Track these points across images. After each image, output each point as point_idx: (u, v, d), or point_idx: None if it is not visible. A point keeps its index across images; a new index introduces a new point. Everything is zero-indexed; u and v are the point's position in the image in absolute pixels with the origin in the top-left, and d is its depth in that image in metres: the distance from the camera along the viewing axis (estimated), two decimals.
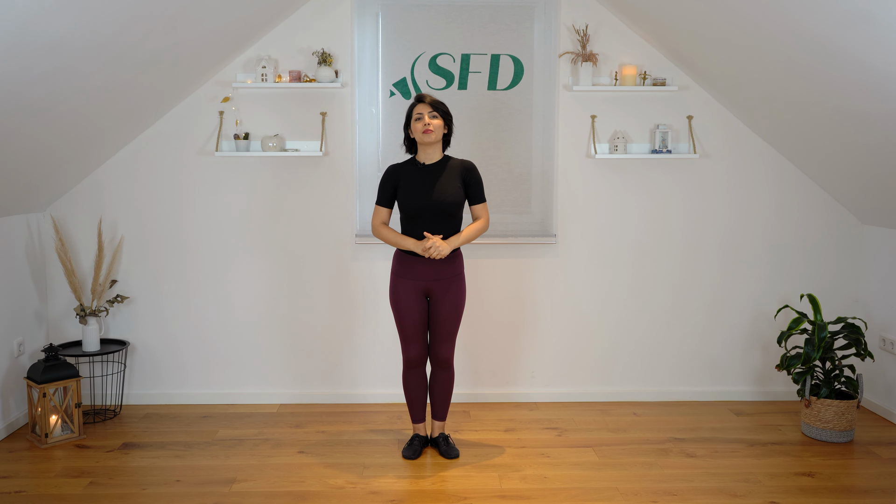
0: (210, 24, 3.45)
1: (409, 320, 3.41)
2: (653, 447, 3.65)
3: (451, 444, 3.58)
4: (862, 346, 3.73)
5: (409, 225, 3.39)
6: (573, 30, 4.13)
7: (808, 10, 2.78)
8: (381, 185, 3.45)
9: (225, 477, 3.32)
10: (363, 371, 4.31)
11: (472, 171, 3.44)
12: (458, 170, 3.42)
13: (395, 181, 3.41)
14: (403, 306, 3.41)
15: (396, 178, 3.41)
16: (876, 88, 2.95)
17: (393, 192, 3.41)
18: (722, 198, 4.28)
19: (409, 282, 3.39)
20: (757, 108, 3.98)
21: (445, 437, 3.60)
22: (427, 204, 3.33)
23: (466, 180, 3.41)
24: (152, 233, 4.19)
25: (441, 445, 3.57)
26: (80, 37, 2.77)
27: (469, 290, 4.26)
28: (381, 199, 3.44)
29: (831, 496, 3.14)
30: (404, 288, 3.40)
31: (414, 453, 3.52)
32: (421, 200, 3.33)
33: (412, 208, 3.34)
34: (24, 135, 3.22)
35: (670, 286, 4.32)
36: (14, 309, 3.88)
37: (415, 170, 3.40)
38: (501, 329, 4.32)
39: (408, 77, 4.17)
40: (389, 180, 3.42)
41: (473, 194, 3.44)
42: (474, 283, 4.26)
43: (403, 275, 3.40)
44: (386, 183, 3.43)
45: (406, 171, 3.42)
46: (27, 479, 3.29)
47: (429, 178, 3.37)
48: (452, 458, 3.52)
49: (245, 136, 4.06)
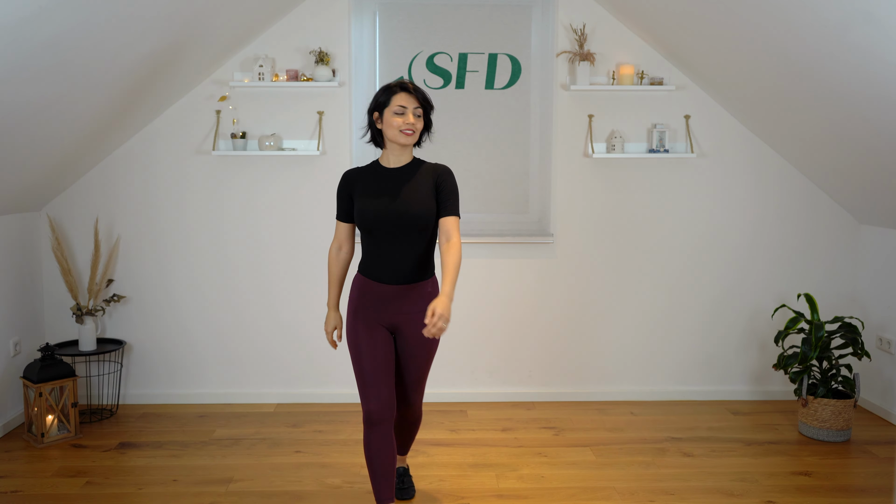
0: (207, 22, 3.45)
1: (370, 363, 2.65)
2: (650, 446, 3.66)
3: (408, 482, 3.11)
4: (859, 346, 3.74)
5: (367, 240, 2.69)
6: (570, 29, 4.13)
7: (805, 10, 2.78)
8: (337, 193, 2.78)
9: (222, 476, 3.31)
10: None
11: (446, 177, 2.69)
12: (430, 175, 2.69)
13: (350, 189, 2.73)
14: (364, 345, 2.66)
15: (352, 185, 2.72)
16: (873, 88, 2.96)
17: (350, 201, 2.73)
18: (719, 197, 4.28)
19: (370, 314, 2.69)
20: (754, 108, 3.99)
21: (405, 470, 3.13)
22: (386, 214, 2.62)
23: (439, 187, 2.67)
24: (149, 232, 4.19)
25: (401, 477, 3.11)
26: (77, 35, 2.77)
27: (467, 290, 4.27)
28: (338, 211, 2.79)
29: (828, 495, 3.14)
30: (365, 322, 2.69)
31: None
32: (379, 209, 2.62)
33: (368, 219, 2.63)
34: (21, 134, 3.22)
35: (667, 286, 4.32)
36: (10, 308, 3.87)
37: (377, 173, 2.71)
38: (499, 328, 4.32)
39: (405, 76, 4.17)
40: (344, 187, 2.74)
41: (445, 204, 2.66)
42: (473, 283, 4.26)
43: (365, 306, 2.69)
44: (341, 192, 2.75)
45: (365, 176, 2.72)
46: (23, 479, 3.28)
47: (391, 183, 2.67)
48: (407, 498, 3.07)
49: (242, 136, 4.06)
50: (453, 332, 4.29)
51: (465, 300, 4.28)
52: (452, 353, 4.31)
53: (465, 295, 4.28)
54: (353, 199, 2.72)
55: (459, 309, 4.28)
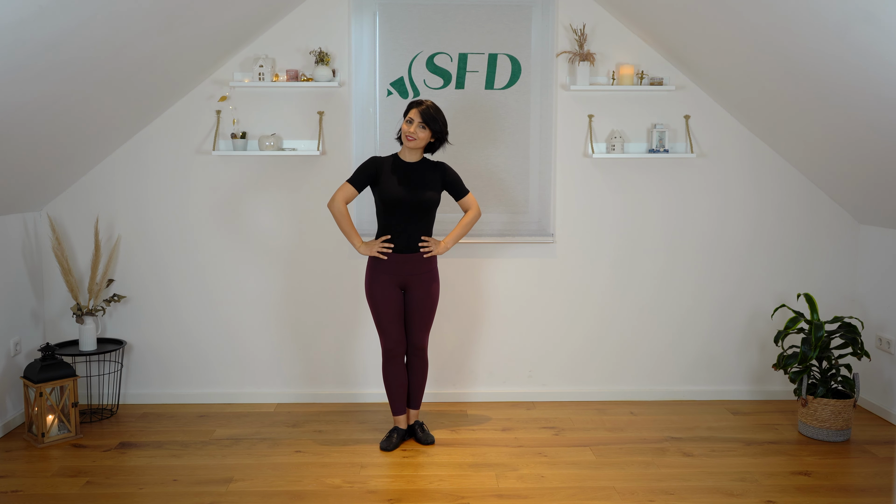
0: (207, 22, 3.45)
1: (387, 310, 3.51)
2: (650, 446, 3.66)
3: (426, 431, 3.73)
4: (858, 346, 3.74)
5: (386, 217, 3.50)
6: (571, 29, 4.13)
7: (805, 10, 2.78)
8: (361, 167, 3.52)
9: (222, 476, 3.31)
10: (360, 370, 4.31)
11: (448, 170, 3.60)
12: (435, 170, 3.56)
13: (375, 171, 3.50)
14: (381, 298, 3.51)
15: (377, 168, 3.51)
16: (873, 88, 2.96)
17: (368, 180, 3.50)
18: (719, 197, 4.28)
19: (386, 276, 3.51)
20: (754, 108, 3.99)
21: (421, 424, 3.75)
22: (407, 198, 3.45)
23: (445, 179, 3.58)
24: (149, 232, 4.19)
25: (418, 433, 3.71)
26: (77, 35, 2.77)
27: (467, 290, 4.27)
28: (354, 180, 3.50)
29: (828, 495, 3.14)
30: (382, 281, 3.51)
31: (392, 445, 3.62)
32: (403, 193, 3.45)
33: (393, 200, 3.45)
34: (21, 133, 3.22)
35: (668, 285, 4.32)
36: (11, 308, 3.87)
37: (397, 164, 3.53)
38: (499, 328, 4.32)
39: (405, 76, 4.17)
40: (370, 167, 3.51)
41: (458, 189, 3.61)
42: (473, 283, 4.26)
43: (382, 270, 3.51)
44: (366, 168, 3.50)
45: (388, 164, 3.53)
46: (24, 479, 3.28)
47: (410, 174, 3.51)
48: (429, 443, 3.68)
49: (242, 136, 4.06)
50: (453, 332, 4.29)
51: (464, 300, 4.29)
52: (452, 353, 4.32)
53: (465, 295, 4.28)
54: (374, 180, 3.50)
55: (460, 309, 4.29)
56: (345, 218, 3.50)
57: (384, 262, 3.50)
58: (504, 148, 4.22)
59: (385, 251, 3.49)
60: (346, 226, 3.50)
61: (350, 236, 3.52)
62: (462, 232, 3.64)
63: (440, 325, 4.28)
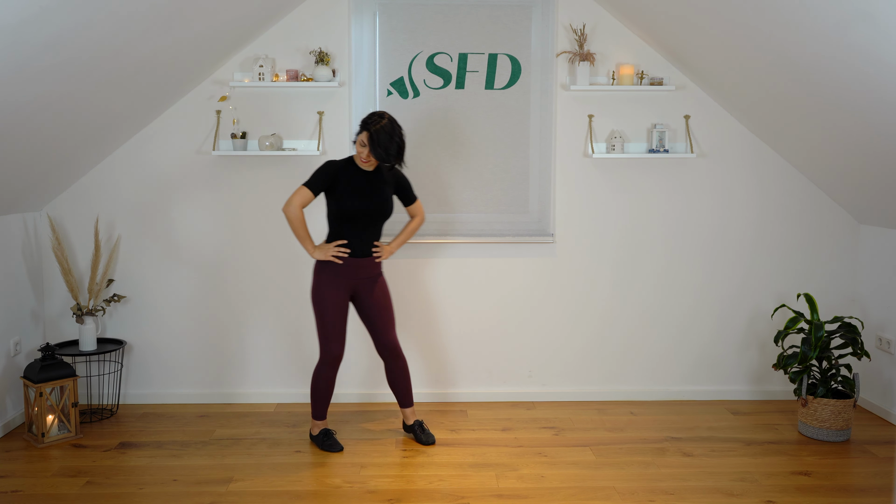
0: (207, 23, 3.45)
1: (338, 316, 3.47)
2: (650, 446, 3.66)
3: (427, 430, 3.72)
4: (858, 346, 3.74)
5: (342, 223, 3.44)
6: (570, 29, 4.13)
7: (805, 10, 2.78)
8: (319, 172, 3.40)
9: (222, 476, 3.31)
10: (360, 370, 4.31)
11: (401, 176, 3.61)
12: (389, 177, 3.54)
13: (333, 177, 3.40)
14: (332, 304, 3.45)
15: (335, 174, 3.41)
16: (872, 88, 2.96)
17: (325, 186, 3.40)
18: (718, 197, 4.28)
19: (339, 281, 3.46)
20: (754, 108, 3.99)
21: (421, 424, 3.74)
22: (367, 206, 3.42)
23: (398, 186, 3.59)
24: (149, 232, 4.19)
25: (417, 432, 3.71)
26: (77, 36, 2.77)
27: (467, 290, 4.28)
28: (312, 185, 3.38)
29: (828, 495, 3.14)
30: (333, 286, 3.45)
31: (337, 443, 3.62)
32: (362, 202, 3.41)
33: (355, 209, 3.41)
34: (21, 133, 3.22)
35: (667, 285, 4.32)
36: (11, 308, 3.87)
37: (355, 171, 3.45)
38: (499, 328, 4.32)
39: (405, 76, 4.17)
40: (329, 173, 3.41)
41: (408, 196, 3.65)
42: (473, 283, 4.27)
43: (335, 275, 3.46)
44: (325, 174, 3.40)
45: (347, 171, 3.43)
46: (24, 479, 3.28)
47: (368, 182, 3.45)
48: (430, 443, 3.66)
49: (242, 136, 4.06)
50: (453, 332, 4.29)
51: (465, 300, 4.29)
52: (452, 353, 4.32)
53: (465, 295, 4.28)
54: (331, 186, 3.40)
55: (460, 309, 4.29)
56: (301, 223, 3.40)
57: (339, 268, 3.44)
58: (504, 148, 4.22)
59: (341, 255, 3.43)
60: (302, 231, 3.41)
61: (305, 241, 3.42)
62: (407, 238, 3.70)
63: (441, 324, 4.29)
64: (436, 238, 4.22)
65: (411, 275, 4.26)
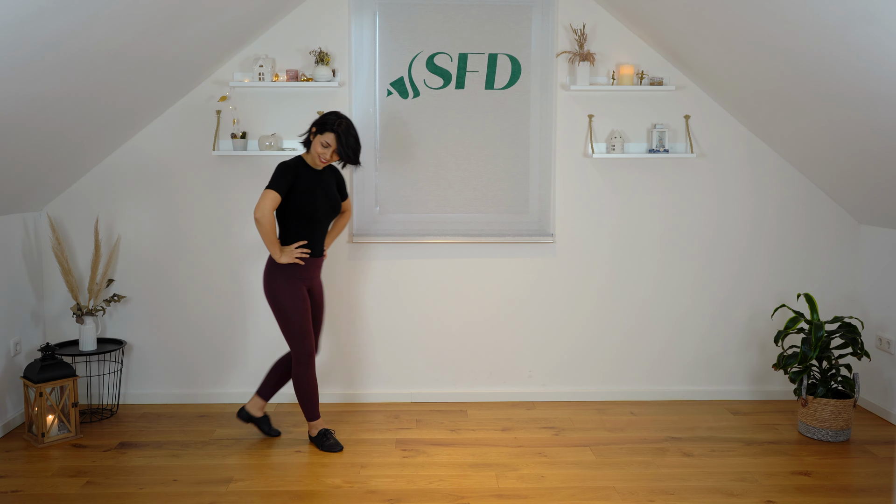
0: (207, 23, 3.45)
1: (306, 314, 3.49)
2: (650, 446, 3.66)
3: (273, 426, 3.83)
4: (858, 346, 3.74)
5: (301, 223, 3.45)
6: (570, 29, 4.13)
7: (805, 10, 2.78)
8: (281, 175, 3.36)
9: (222, 476, 3.31)
10: (360, 370, 4.31)
11: (339, 173, 3.68)
12: (333, 174, 3.63)
13: (294, 176, 3.40)
14: (300, 303, 3.46)
15: (294, 175, 3.40)
16: (873, 88, 2.96)
17: (287, 188, 3.36)
18: (718, 197, 4.28)
19: (298, 281, 3.48)
20: (754, 108, 3.99)
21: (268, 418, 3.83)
22: (324, 205, 3.50)
23: (338, 183, 3.65)
24: (149, 232, 4.19)
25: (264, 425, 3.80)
26: (77, 36, 2.77)
27: (467, 290, 4.28)
28: (278, 187, 3.34)
29: (828, 495, 3.14)
30: (293, 284, 3.46)
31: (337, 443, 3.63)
32: (321, 201, 3.47)
33: (313, 208, 3.44)
34: (21, 133, 3.22)
35: (667, 286, 4.32)
36: (11, 308, 3.87)
37: (309, 171, 3.47)
38: (499, 328, 4.32)
39: (405, 76, 4.17)
40: (289, 174, 3.38)
41: (343, 193, 3.70)
42: (473, 283, 4.26)
43: (295, 276, 3.46)
44: (286, 176, 3.37)
45: (301, 170, 3.44)
46: (24, 479, 3.28)
47: (319, 181, 3.50)
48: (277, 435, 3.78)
49: (242, 136, 4.06)
50: (453, 332, 4.29)
51: (464, 300, 4.28)
52: (452, 353, 4.32)
53: (464, 295, 4.28)
54: (292, 187, 3.39)
55: (460, 309, 4.29)
56: (274, 228, 3.35)
57: (299, 268, 3.46)
58: (504, 148, 4.22)
59: (303, 257, 3.44)
60: (273, 235, 3.36)
61: (274, 245, 3.38)
62: (338, 234, 3.77)
63: (441, 324, 4.29)
64: (436, 238, 4.22)
65: (411, 275, 4.26)
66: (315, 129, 3.42)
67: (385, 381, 4.31)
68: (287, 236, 3.47)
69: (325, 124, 3.38)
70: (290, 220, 3.45)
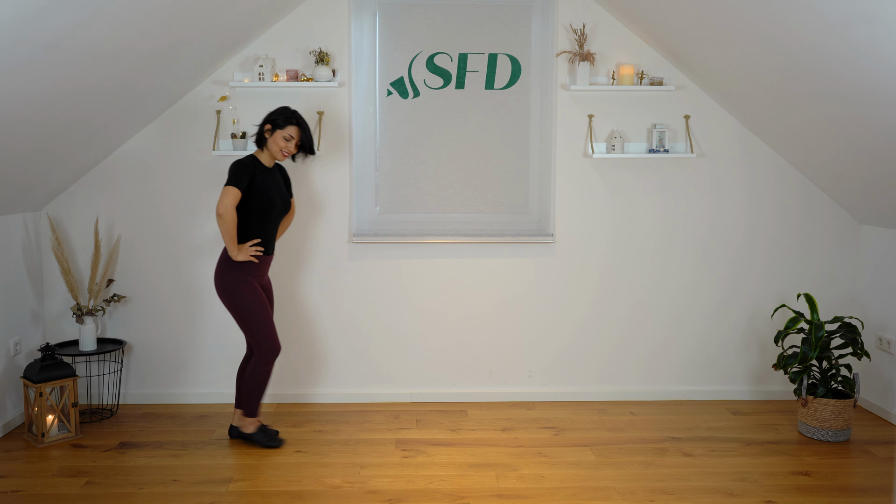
0: (207, 23, 3.45)
1: (266, 310, 3.53)
2: (650, 446, 3.66)
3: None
4: (858, 346, 3.74)
5: (258, 221, 3.49)
6: (571, 29, 4.13)
7: (806, 9, 2.78)
8: (239, 172, 3.39)
9: (222, 476, 3.31)
10: (360, 370, 4.31)
11: (286, 172, 3.75)
12: (281, 172, 3.69)
13: (251, 175, 3.43)
14: (258, 300, 3.50)
15: (252, 172, 3.44)
16: (874, 87, 2.96)
17: (247, 184, 3.41)
18: (718, 197, 4.28)
19: (253, 279, 3.52)
20: (754, 108, 3.99)
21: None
22: (281, 204, 3.56)
23: (285, 181, 3.70)
24: (149, 232, 4.19)
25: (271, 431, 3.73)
26: (77, 35, 2.77)
27: (467, 290, 4.28)
28: (238, 184, 3.37)
29: (828, 495, 3.14)
30: (248, 282, 3.49)
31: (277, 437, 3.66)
32: (277, 198, 3.52)
33: (271, 205, 3.49)
34: (21, 133, 3.22)
35: (667, 286, 4.32)
36: (10, 308, 3.87)
37: (263, 168, 3.52)
38: (499, 328, 4.32)
39: (405, 76, 4.17)
40: (247, 171, 3.42)
41: (290, 191, 3.75)
42: (473, 283, 4.26)
43: (251, 273, 3.51)
44: (244, 173, 3.41)
45: (256, 168, 3.48)
46: (24, 479, 3.28)
47: (274, 179, 3.57)
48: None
49: (242, 136, 4.06)
50: (453, 332, 4.29)
51: (465, 300, 4.28)
52: (452, 353, 4.32)
53: (465, 295, 4.28)
54: (250, 185, 3.42)
55: (460, 309, 4.28)
56: (235, 224, 3.38)
57: (252, 266, 3.49)
58: (504, 148, 4.22)
59: (257, 254, 3.47)
60: (233, 231, 3.38)
61: (233, 242, 3.39)
62: (283, 232, 3.86)
63: (441, 324, 4.28)
64: (436, 238, 4.22)
65: (411, 275, 4.26)
66: (270, 125, 3.49)
67: (385, 381, 4.31)
68: (242, 234, 3.49)
69: (285, 119, 3.48)
70: (247, 218, 3.47)
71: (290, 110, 3.52)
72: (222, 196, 3.36)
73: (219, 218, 3.35)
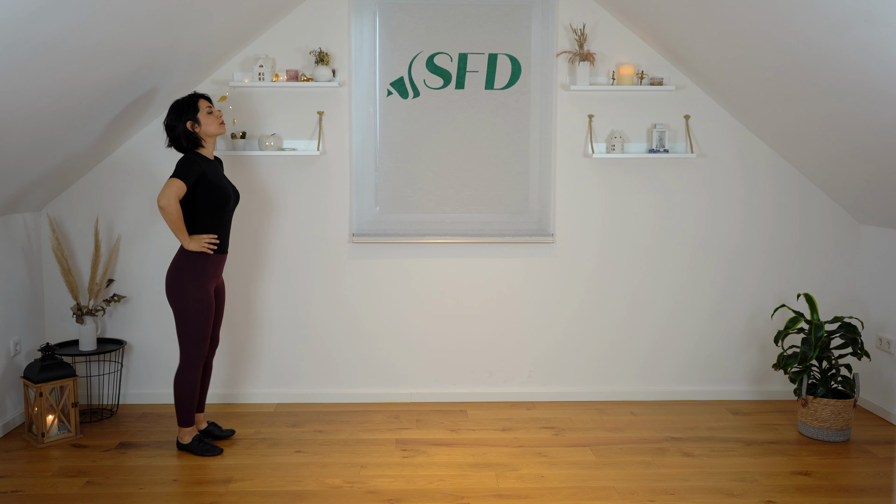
0: (207, 22, 3.45)
1: (210, 317, 3.44)
2: (650, 446, 3.66)
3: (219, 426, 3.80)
4: (858, 346, 3.74)
5: (214, 216, 3.40)
6: (571, 29, 4.13)
7: (805, 10, 2.78)
8: (188, 166, 3.30)
9: (222, 476, 3.31)
10: (360, 370, 4.31)
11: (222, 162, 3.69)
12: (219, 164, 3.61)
13: (201, 168, 3.33)
14: (207, 304, 3.41)
15: (202, 167, 3.34)
16: (874, 87, 2.96)
17: (195, 178, 3.31)
18: (718, 197, 4.28)
19: (204, 278, 3.41)
20: (754, 108, 3.99)
21: (213, 423, 3.77)
22: (235, 198, 3.50)
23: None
24: (149, 232, 4.19)
25: (216, 431, 3.71)
26: (77, 35, 2.77)
27: (467, 290, 4.28)
28: (184, 177, 3.28)
29: (828, 495, 3.14)
30: (202, 285, 3.39)
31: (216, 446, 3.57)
32: (231, 192, 3.46)
33: (228, 200, 3.42)
34: (21, 133, 3.21)
35: (667, 286, 4.32)
36: (11, 308, 3.87)
37: (211, 162, 3.44)
38: (498, 328, 4.32)
39: (405, 76, 4.17)
40: (197, 166, 3.33)
41: None
42: (472, 283, 4.26)
43: (206, 273, 3.41)
44: (194, 166, 3.31)
45: (205, 162, 3.39)
46: (24, 479, 3.28)
47: (221, 172, 3.51)
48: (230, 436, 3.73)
49: (242, 136, 4.06)
50: (453, 332, 4.29)
51: (465, 300, 4.28)
52: (452, 353, 4.32)
53: (465, 295, 4.28)
54: (200, 179, 3.33)
55: (460, 309, 4.28)
56: (180, 215, 3.28)
57: (208, 264, 3.40)
58: (504, 148, 4.22)
59: (211, 247, 3.38)
60: (180, 222, 3.28)
61: (182, 232, 3.30)
62: None
63: (441, 324, 4.28)
64: (436, 238, 4.22)
65: (411, 275, 4.26)
66: (188, 117, 3.38)
67: (385, 381, 4.31)
68: (196, 232, 3.40)
69: (187, 105, 3.39)
70: (201, 214, 3.38)
71: (180, 100, 3.42)
72: (165, 188, 3.26)
73: (161, 210, 3.26)
